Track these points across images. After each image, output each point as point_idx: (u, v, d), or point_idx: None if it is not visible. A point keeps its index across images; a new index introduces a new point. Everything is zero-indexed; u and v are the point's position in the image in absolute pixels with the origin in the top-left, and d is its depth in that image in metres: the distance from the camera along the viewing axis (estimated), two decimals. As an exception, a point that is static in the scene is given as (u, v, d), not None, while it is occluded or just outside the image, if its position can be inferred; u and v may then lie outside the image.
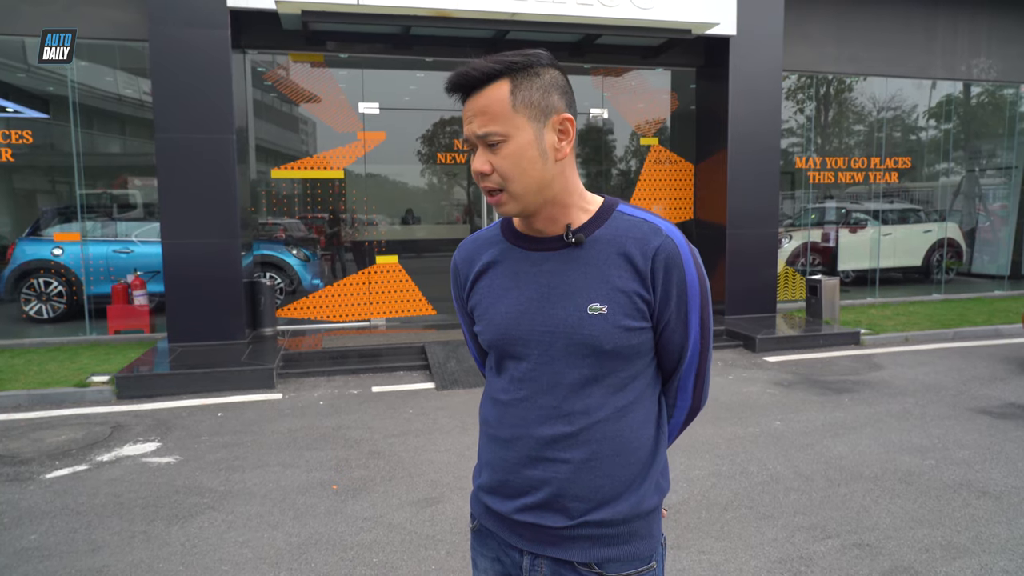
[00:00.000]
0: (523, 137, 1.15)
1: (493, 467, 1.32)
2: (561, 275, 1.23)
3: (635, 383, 1.26)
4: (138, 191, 9.07)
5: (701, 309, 1.25)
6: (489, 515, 1.35)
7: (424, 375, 6.71)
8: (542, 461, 1.25)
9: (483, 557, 1.39)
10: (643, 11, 7.95)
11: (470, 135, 1.17)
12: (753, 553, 3.17)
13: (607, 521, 1.24)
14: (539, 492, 1.25)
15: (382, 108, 8.40)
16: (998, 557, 3.10)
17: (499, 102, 1.14)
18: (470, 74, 1.15)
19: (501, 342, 1.29)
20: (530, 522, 1.27)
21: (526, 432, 1.26)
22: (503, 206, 1.20)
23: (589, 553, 1.24)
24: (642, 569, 1.27)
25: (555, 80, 1.19)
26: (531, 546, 1.28)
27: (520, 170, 1.16)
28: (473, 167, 1.19)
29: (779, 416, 5.26)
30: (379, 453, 4.57)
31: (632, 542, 1.26)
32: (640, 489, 1.26)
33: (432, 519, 3.58)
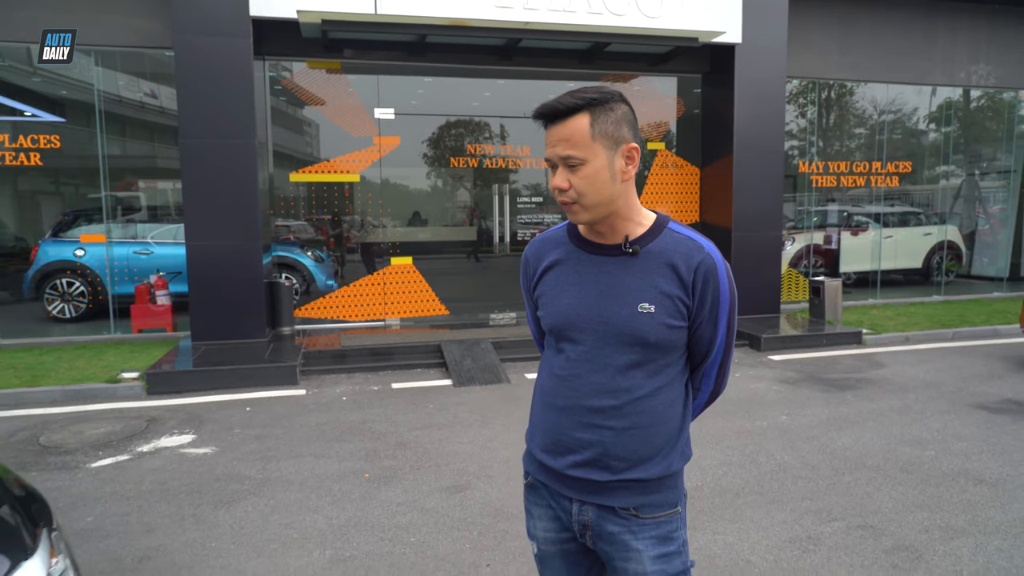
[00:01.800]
0: (598, 161, 1.39)
1: (547, 430, 1.56)
2: (617, 277, 1.46)
3: (669, 369, 1.51)
4: (142, 193, 9.31)
5: (729, 315, 1.50)
6: (543, 470, 1.59)
7: (441, 372, 6.95)
8: (590, 427, 1.48)
9: (536, 506, 1.63)
10: (651, 20, 8.19)
11: (553, 156, 1.41)
12: (764, 534, 3.40)
13: (642, 479, 1.48)
14: (587, 452, 1.49)
15: (397, 113, 8.65)
16: (993, 537, 3.33)
17: (580, 132, 1.37)
18: (557, 107, 1.38)
19: (562, 327, 1.52)
20: (579, 476, 1.51)
21: (578, 403, 1.50)
22: (576, 215, 1.44)
23: (628, 500, 1.49)
24: (670, 512, 1.52)
25: (625, 114, 1.42)
26: (579, 495, 1.52)
27: (593, 188, 1.39)
28: (553, 183, 1.42)
29: (785, 411, 5.49)
30: (405, 444, 4.80)
31: (662, 492, 1.51)
32: (670, 455, 1.51)
33: (462, 504, 3.81)
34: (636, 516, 1.50)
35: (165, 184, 9.38)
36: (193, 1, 7.09)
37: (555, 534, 1.62)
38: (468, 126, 9.40)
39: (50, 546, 1.67)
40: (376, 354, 7.27)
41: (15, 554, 1.57)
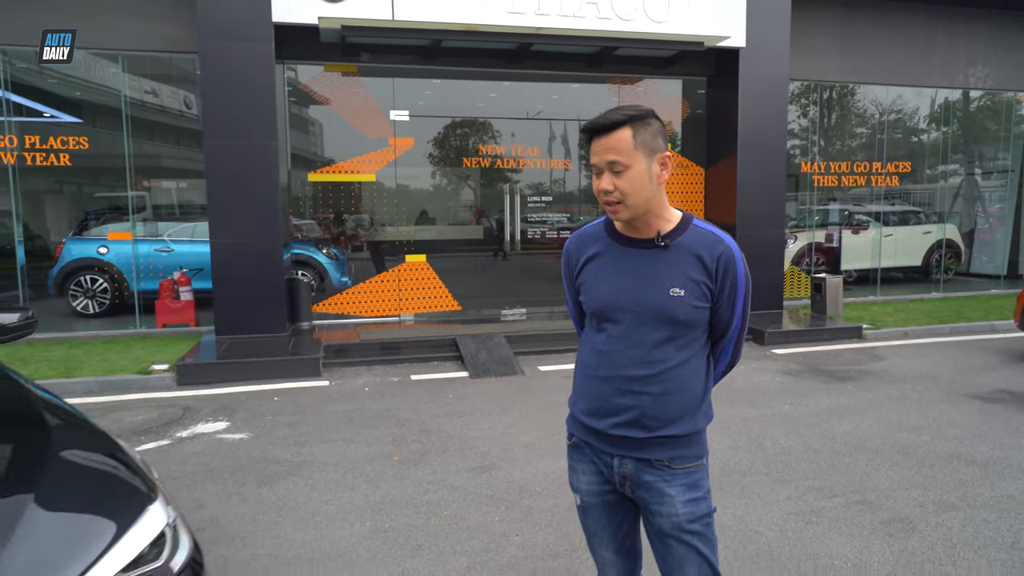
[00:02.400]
0: (639, 167, 1.66)
1: (591, 397, 1.83)
2: (651, 267, 1.74)
3: (694, 344, 1.78)
4: (147, 193, 9.56)
5: (744, 299, 1.78)
6: (587, 431, 1.86)
7: (457, 365, 7.22)
8: (629, 393, 1.76)
9: (580, 463, 1.92)
10: (658, 25, 8.47)
11: (600, 163, 1.68)
12: (770, 508, 3.67)
13: (674, 435, 1.76)
14: (626, 414, 1.77)
15: (411, 115, 8.93)
16: (981, 511, 3.61)
17: (624, 142, 1.65)
18: (604, 122, 1.65)
19: (603, 310, 1.80)
20: (620, 435, 1.78)
21: (618, 373, 1.77)
22: (618, 214, 1.71)
23: (661, 453, 1.77)
24: (697, 464, 1.80)
25: (659, 128, 1.70)
26: (620, 451, 1.80)
27: (635, 189, 1.67)
28: (599, 186, 1.69)
29: (788, 400, 5.77)
30: (429, 431, 5.08)
31: (690, 447, 1.79)
32: (696, 415, 1.79)
33: (488, 483, 4.09)
34: (669, 467, 1.78)
35: (169, 183, 9.65)
36: (218, 7, 7.36)
37: (597, 487, 1.90)
38: (480, 127, 9.68)
39: (162, 494, 1.94)
40: (394, 347, 7.56)
41: (141, 498, 1.84)
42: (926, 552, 3.19)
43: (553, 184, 10.04)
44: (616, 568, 1.97)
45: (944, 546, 3.25)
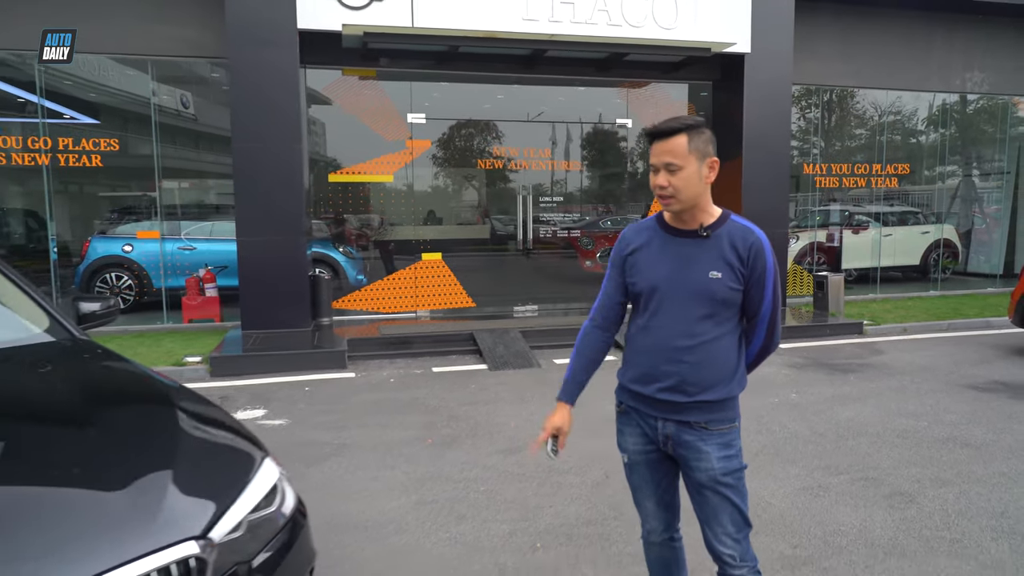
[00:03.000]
0: (692, 168, 1.98)
1: (639, 365, 2.15)
2: (694, 253, 2.06)
3: (728, 322, 2.10)
4: (156, 194, 9.83)
5: (773, 283, 2.09)
6: (635, 397, 2.18)
7: (475, 358, 7.54)
8: (673, 361, 2.07)
9: (627, 426, 2.24)
10: (666, 31, 8.79)
11: (659, 163, 1.99)
12: (781, 484, 4.00)
13: (710, 400, 2.07)
14: (670, 380, 2.08)
15: (428, 118, 9.25)
16: (974, 486, 3.93)
17: (680, 146, 1.96)
18: (664, 129, 1.97)
19: (653, 289, 2.10)
20: (664, 399, 2.10)
21: (663, 344, 2.09)
22: (671, 206, 2.02)
23: (699, 416, 2.08)
24: (730, 426, 2.11)
25: (710, 136, 2.01)
26: (663, 414, 2.11)
27: (686, 186, 1.98)
28: (656, 181, 2.00)
29: (794, 390, 6.10)
30: (457, 417, 5.40)
31: (724, 411, 2.10)
32: (729, 383, 2.10)
33: (519, 463, 4.40)
34: (705, 428, 2.09)
35: (170, 183, 9.87)
36: (245, 15, 7.67)
37: (642, 447, 2.22)
38: (493, 130, 9.99)
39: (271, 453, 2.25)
40: (414, 342, 7.87)
41: (257, 455, 2.16)
42: (924, 520, 3.51)
43: (559, 184, 10.35)
44: (657, 518, 2.29)
45: (940, 515, 3.57)
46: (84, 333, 3.00)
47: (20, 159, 8.12)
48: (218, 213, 10.11)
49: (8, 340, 2.67)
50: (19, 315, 2.91)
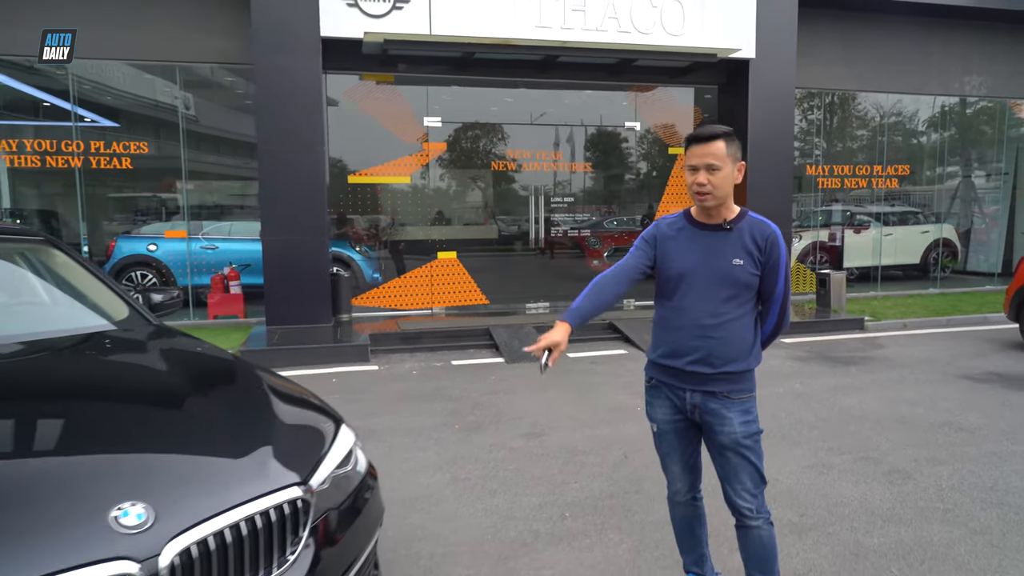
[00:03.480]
0: (727, 170, 2.30)
1: (669, 342, 2.46)
2: (719, 244, 2.37)
3: (747, 304, 2.42)
4: (179, 195, 10.15)
5: (785, 270, 2.41)
6: (665, 371, 2.49)
7: (492, 352, 7.86)
8: (699, 337, 2.39)
9: (657, 399, 2.56)
10: (674, 38, 9.11)
11: (699, 163, 2.30)
12: (788, 463, 4.31)
13: (731, 372, 2.39)
14: (697, 354, 2.40)
15: (444, 121, 9.57)
16: (967, 464, 4.24)
17: (720, 150, 2.28)
18: (707, 134, 2.29)
19: (683, 274, 2.41)
20: (692, 370, 2.41)
21: (692, 321, 2.40)
22: (706, 201, 2.33)
23: (722, 387, 2.40)
24: (749, 395, 2.44)
25: (739, 144, 2.33)
26: (691, 385, 2.43)
27: (721, 185, 2.30)
28: (697, 180, 2.30)
29: (799, 381, 6.41)
30: (481, 405, 5.72)
31: (743, 382, 2.42)
32: (748, 358, 2.42)
33: (542, 445, 4.72)
34: (728, 397, 2.41)
35: (187, 185, 10.20)
36: (271, 24, 8.00)
37: (670, 416, 2.53)
38: (506, 133, 10.31)
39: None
40: (433, 336, 8.20)
41: (336, 422, 2.47)
42: (920, 494, 3.83)
43: (569, 186, 10.67)
44: (682, 480, 2.61)
45: (935, 489, 3.89)
46: (158, 320, 3.32)
47: (54, 162, 8.43)
48: (231, 214, 10.42)
49: (98, 326, 3.00)
50: (103, 304, 3.23)
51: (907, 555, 3.15)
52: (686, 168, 2.37)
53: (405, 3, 8.31)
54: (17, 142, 8.32)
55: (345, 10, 8.17)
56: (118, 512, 1.64)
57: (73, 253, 3.50)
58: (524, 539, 3.36)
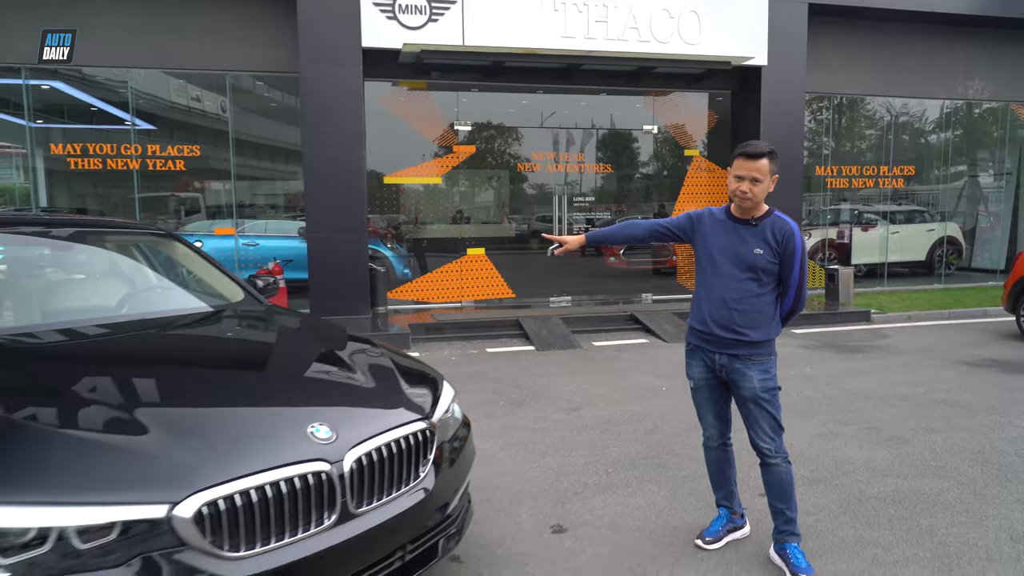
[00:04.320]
0: (767, 182, 2.88)
1: (704, 312, 3.04)
2: (746, 236, 2.95)
3: (767, 285, 2.99)
4: (200, 194, 10.72)
5: (800, 260, 2.98)
6: (699, 336, 3.07)
7: (523, 341, 8.45)
8: (726, 309, 2.97)
9: (693, 359, 3.14)
10: (691, 47, 9.67)
11: (746, 175, 2.86)
12: (800, 432, 4.88)
13: (753, 339, 2.97)
14: (725, 321, 2.98)
15: (473, 125, 10.17)
16: (960, 433, 4.80)
17: (765, 166, 2.86)
18: (756, 151, 2.85)
19: (718, 258, 2.99)
20: (719, 335, 2.99)
21: (721, 295, 2.98)
22: (745, 204, 2.90)
23: (745, 351, 2.98)
24: (768, 358, 3.02)
25: (777, 160, 2.90)
26: (719, 348, 3.01)
27: (760, 194, 2.88)
28: (741, 188, 2.87)
29: (808, 366, 6.97)
30: (520, 386, 6.31)
31: (763, 348, 3.00)
32: (766, 328, 2.99)
33: (580, 418, 5.31)
34: (749, 359, 2.99)
35: (217, 185, 10.73)
36: (317, 36, 8.60)
37: (704, 375, 3.12)
38: (531, 135, 10.90)
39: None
40: (466, 327, 8.79)
41: (438, 378, 3.07)
42: (916, 455, 4.39)
43: (590, 185, 11.25)
44: (715, 428, 3.20)
45: (929, 452, 4.45)
46: (265, 300, 3.92)
47: (114, 164, 9.07)
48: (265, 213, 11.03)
49: (224, 304, 3.61)
50: (222, 287, 3.85)
51: (903, 500, 3.73)
52: (732, 175, 2.93)
53: (440, 16, 8.90)
54: (81, 146, 8.94)
55: (385, 22, 8.77)
56: (312, 429, 2.24)
57: (192, 245, 4.12)
58: (575, 488, 3.95)
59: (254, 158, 11.00)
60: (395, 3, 8.77)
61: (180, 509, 1.88)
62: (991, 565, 3.05)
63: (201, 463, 1.99)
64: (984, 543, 3.25)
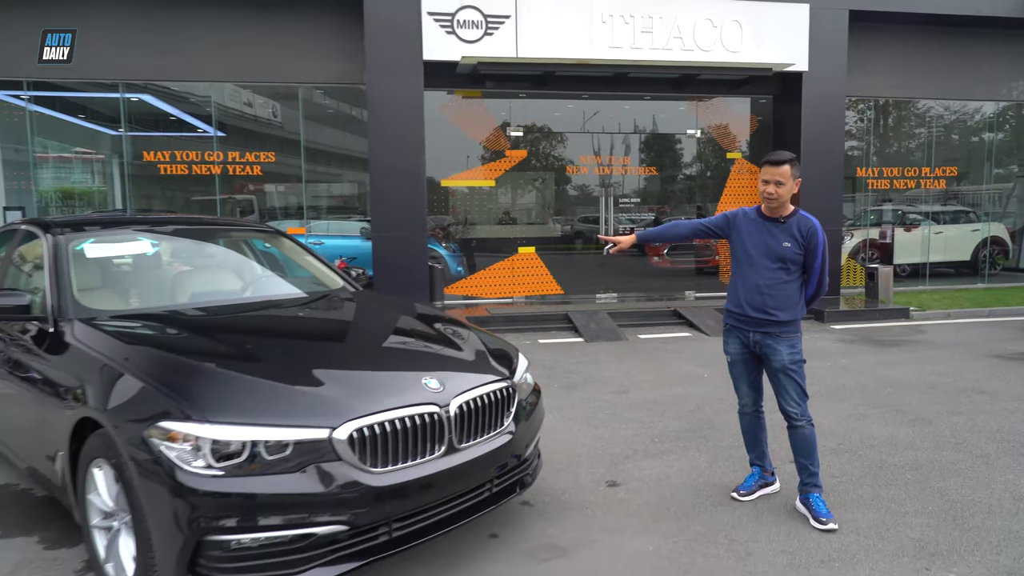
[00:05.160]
0: (790, 185, 3.42)
1: (740, 296, 3.58)
2: (775, 231, 3.49)
3: (793, 273, 3.52)
4: (254, 197, 11.45)
5: (822, 252, 3.50)
6: (735, 317, 3.62)
7: (572, 333, 9.02)
8: (758, 294, 3.52)
9: (731, 337, 3.69)
10: (733, 55, 10.11)
11: (771, 179, 3.41)
12: (831, 412, 5.34)
13: (782, 320, 3.50)
14: (757, 304, 3.52)
15: (525, 130, 10.78)
16: (981, 416, 5.21)
17: (786, 172, 3.41)
18: (778, 159, 3.40)
19: (750, 251, 3.54)
20: (752, 316, 3.53)
21: (753, 282, 3.53)
22: (771, 204, 3.45)
23: (775, 329, 3.52)
24: (795, 335, 3.54)
25: (799, 166, 3.44)
26: (752, 327, 3.56)
27: (783, 195, 3.43)
28: (767, 190, 3.42)
29: (844, 357, 7.39)
30: (572, 372, 6.89)
31: (790, 326, 3.54)
32: (793, 310, 3.52)
33: (628, 399, 5.86)
34: (779, 336, 3.52)
35: (269, 187, 11.44)
36: (383, 50, 9.32)
37: (739, 350, 3.66)
38: (579, 140, 11.47)
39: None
40: (518, 320, 9.41)
41: (515, 351, 3.68)
42: (937, 433, 4.84)
43: (635, 187, 11.75)
44: (749, 396, 3.74)
45: (950, 430, 4.89)
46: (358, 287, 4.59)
47: (199, 169, 9.96)
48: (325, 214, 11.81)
49: (327, 290, 4.29)
50: (323, 276, 4.53)
51: (919, 468, 4.20)
52: (760, 179, 3.47)
53: (495, 30, 9.54)
54: (169, 153, 9.84)
55: (444, 37, 9.44)
56: (426, 381, 2.87)
57: (296, 240, 4.83)
58: (626, 454, 4.52)
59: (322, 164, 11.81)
60: (454, 19, 9.43)
61: (337, 432, 2.54)
62: (991, 517, 3.52)
63: (351, 402, 2.65)
64: (988, 501, 3.71)
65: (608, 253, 4.03)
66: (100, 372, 2.84)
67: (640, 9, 9.84)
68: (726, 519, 3.55)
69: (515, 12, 9.54)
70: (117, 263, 4.03)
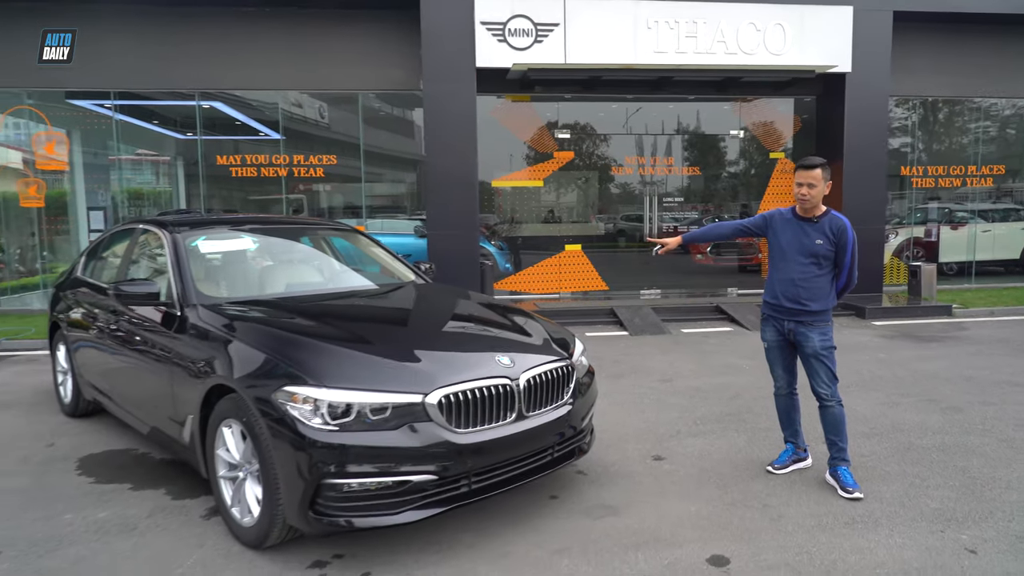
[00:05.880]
0: (821, 187, 3.82)
1: (777, 289, 3.98)
2: (809, 230, 3.89)
3: (825, 268, 3.91)
4: (303, 196, 12.05)
5: (852, 248, 3.88)
6: (772, 307, 4.02)
7: (617, 327, 9.43)
8: (794, 287, 3.91)
9: (767, 325, 4.10)
10: (776, 57, 10.37)
11: (804, 182, 3.81)
12: (865, 401, 5.66)
13: (814, 310, 3.89)
14: (792, 296, 3.91)
15: (572, 132, 11.22)
16: (1012, 406, 5.48)
17: (817, 175, 3.80)
18: (810, 163, 3.81)
19: (785, 248, 3.94)
20: (788, 306, 3.93)
21: (787, 277, 3.93)
22: (804, 204, 3.84)
23: (808, 318, 3.91)
24: (827, 323, 3.93)
25: (830, 169, 3.84)
26: (787, 317, 3.96)
27: (815, 196, 3.82)
28: (800, 192, 3.82)
29: (882, 351, 7.64)
30: (619, 362, 7.31)
31: (823, 316, 3.92)
32: (824, 301, 3.91)
33: (672, 387, 6.27)
34: (811, 324, 3.91)
35: (317, 187, 12.01)
36: (438, 58, 9.86)
37: (775, 337, 4.06)
38: (625, 141, 11.85)
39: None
40: (565, 314, 9.85)
41: (571, 336, 4.14)
42: (967, 421, 5.13)
43: (680, 187, 12.07)
44: (783, 380, 4.13)
45: (980, 418, 5.18)
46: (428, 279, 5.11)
47: (267, 172, 10.67)
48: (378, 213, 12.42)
49: (401, 281, 4.82)
50: (397, 270, 5.06)
51: (945, 450, 4.52)
52: (795, 182, 3.87)
53: (544, 37, 9.99)
54: (240, 157, 10.57)
55: (495, 45, 9.93)
56: (499, 358, 3.36)
57: (372, 237, 5.37)
58: (670, 433, 4.94)
59: (375, 165, 12.45)
60: (505, 27, 9.92)
61: (429, 398, 3.04)
62: (1008, 491, 3.85)
63: (440, 373, 3.16)
64: (1008, 479, 4.04)
65: (656, 254, 4.46)
66: (227, 348, 3.40)
67: (684, 15, 10.19)
68: (761, 488, 3.95)
69: (564, 20, 9.98)
70: (224, 257, 4.62)
